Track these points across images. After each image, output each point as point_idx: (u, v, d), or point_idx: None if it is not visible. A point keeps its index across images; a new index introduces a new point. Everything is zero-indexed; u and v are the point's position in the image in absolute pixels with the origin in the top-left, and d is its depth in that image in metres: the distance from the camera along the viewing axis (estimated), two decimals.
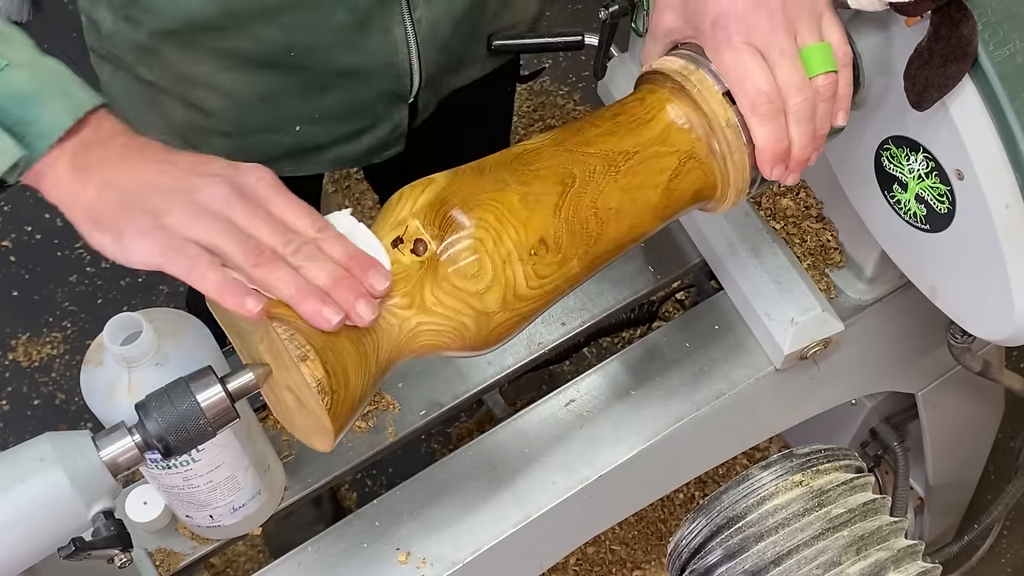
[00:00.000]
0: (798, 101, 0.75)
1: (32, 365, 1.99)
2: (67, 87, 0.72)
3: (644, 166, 0.78)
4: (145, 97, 1.04)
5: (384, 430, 1.03)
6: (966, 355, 1.11)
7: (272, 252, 0.69)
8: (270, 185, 0.71)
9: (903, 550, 0.76)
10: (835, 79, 0.77)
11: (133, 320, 0.77)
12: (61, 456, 0.70)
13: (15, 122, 0.70)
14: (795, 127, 0.76)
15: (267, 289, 0.69)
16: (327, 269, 0.69)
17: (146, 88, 1.02)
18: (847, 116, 0.79)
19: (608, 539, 1.75)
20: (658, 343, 1.07)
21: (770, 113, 0.75)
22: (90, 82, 0.75)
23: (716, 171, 0.79)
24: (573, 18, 2.40)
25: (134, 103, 1.06)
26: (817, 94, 0.76)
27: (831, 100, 0.77)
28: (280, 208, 0.71)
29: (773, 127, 0.76)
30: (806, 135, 0.77)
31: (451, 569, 0.96)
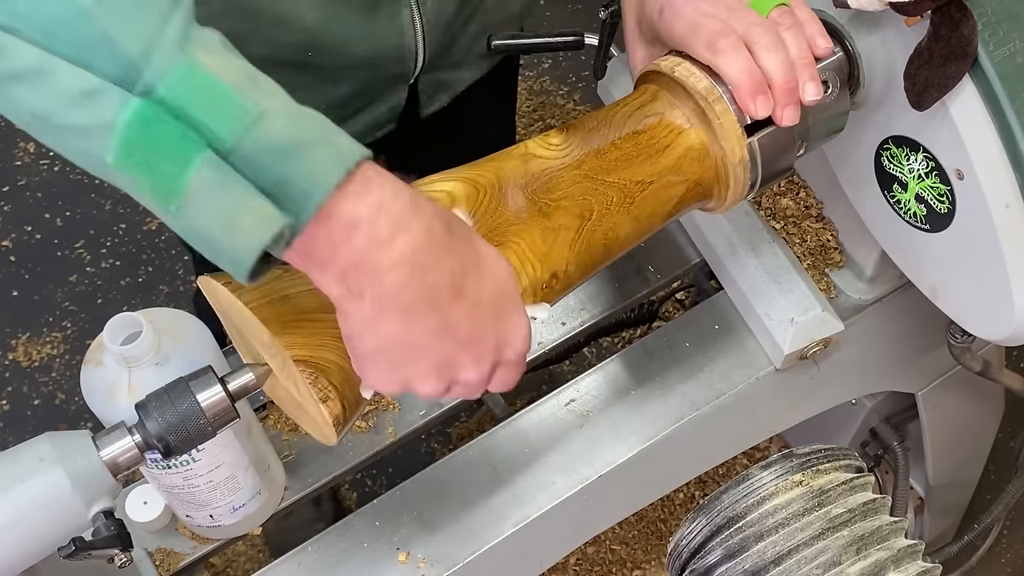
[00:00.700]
0: (758, 31, 0.76)
1: (32, 365, 1.99)
2: (333, 135, 0.59)
3: (655, 196, 0.79)
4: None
5: (384, 430, 1.03)
6: (966, 355, 1.11)
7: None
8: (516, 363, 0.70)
9: (903, 550, 0.76)
10: (789, 9, 0.77)
11: (133, 320, 0.77)
12: (61, 456, 0.70)
13: (277, 182, 0.57)
14: (765, 54, 0.76)
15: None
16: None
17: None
18: (828, 41, 0.79)
19: (608, 539, 1.75)
20: (658, 343, 1.07)
21: (731, 46, 0.76)
22: None
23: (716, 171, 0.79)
24: (573, 18, 2.40)
25: None
26: (778, 26, 0.77)
27: (796, 27, 0.77)
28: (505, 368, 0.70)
29: (739, 58, 0.76)
30: (781, 59, 0.76)
31: (451, 569, 0.96)
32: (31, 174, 2.20)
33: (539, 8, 2.43)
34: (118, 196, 2.16)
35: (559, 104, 2.28)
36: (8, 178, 2.20)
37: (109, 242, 2.11)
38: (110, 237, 2.12)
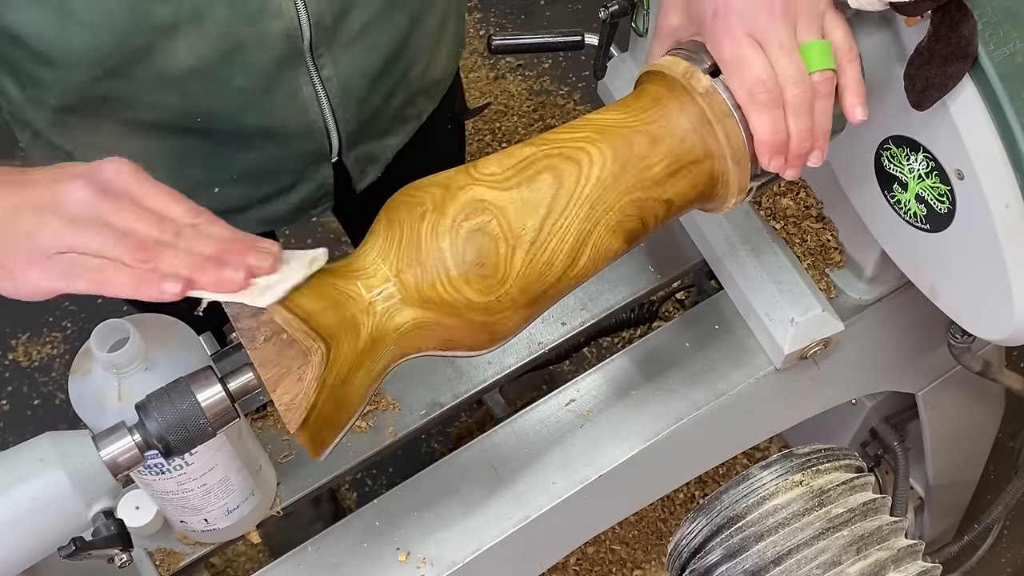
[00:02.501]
0: (796, 93, 0.75)
1: (32, 365, 1.99)
2: None
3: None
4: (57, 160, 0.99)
5: (384, 430, 1.03)
6: (966, 355, 1.11)
7: (154, 242, 0.67)
8: (132, 176, 0.68)
9: (903, 550, 0.76)
10: (832, 76, 0.77)
11: (120, 326, 0.77)
12: (61, 456, 0.70)
13: None
14: (793, 119, 0.76)
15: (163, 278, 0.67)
16: (212, 243, 0.68)
17: (64, 155, 0.98)
18: (865, 110, 0.78)
19: (608, 539, 1.75)
20: (658, 343, 1.07)
21: (768, 102, 0.75)
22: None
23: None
24: (573, 18, 2.40)
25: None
26: (814, 91, 0.76)
27: (829, 97, 0.77)
28: (150, 198, 0.68)
29: (771, 116, 0.76)
30: (804, 128, 0.76)
31: (451, 569, 0.96)
32: None
33: (539, 8, 2.43)
34: None
35: (559, 104, 2.29)
36: None
37: None
38: None
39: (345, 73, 0.95)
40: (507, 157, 0.77)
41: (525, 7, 2.42)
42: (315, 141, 0.99)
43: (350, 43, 0.93)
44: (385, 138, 1.07)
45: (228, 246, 0.68)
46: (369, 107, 1.01)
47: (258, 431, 1.02)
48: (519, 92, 2.30)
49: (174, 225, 0.68)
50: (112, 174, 0.68)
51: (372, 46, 0.96)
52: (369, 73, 0.97)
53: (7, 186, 0.68)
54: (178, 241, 0.67)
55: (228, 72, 0.88)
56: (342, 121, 0.98)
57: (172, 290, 0.66)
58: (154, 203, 0.68)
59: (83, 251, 0.66)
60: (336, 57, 0.93)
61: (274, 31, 0.87)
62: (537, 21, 2.40)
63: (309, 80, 0.93)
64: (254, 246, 0.69)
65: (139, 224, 0.67)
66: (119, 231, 0.67)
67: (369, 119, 1.02)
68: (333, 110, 0.97)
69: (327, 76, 0.93)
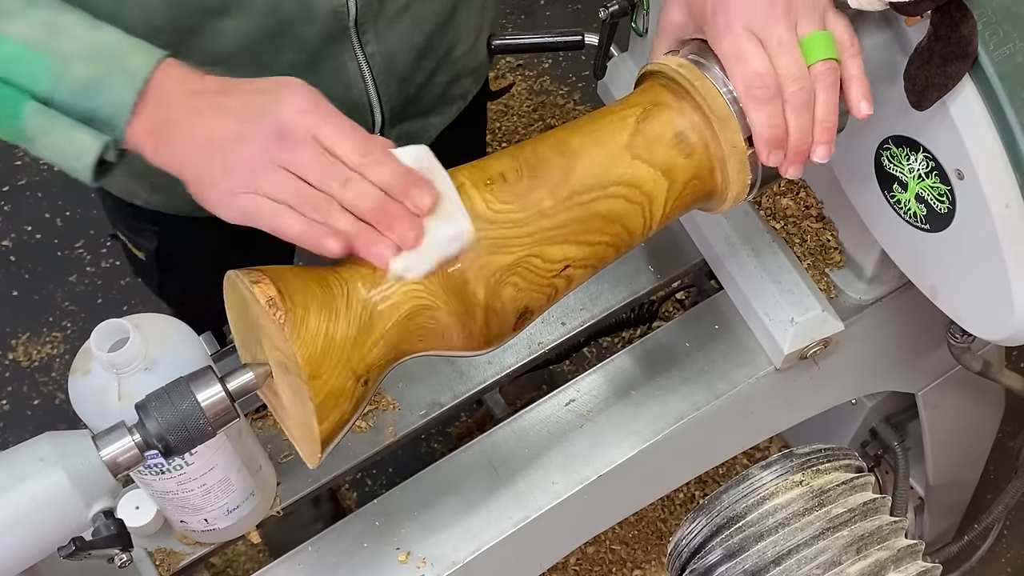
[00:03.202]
0: (794, 90, 0.75)
1: (32, 365, 1.99)
2: (124, 61, 0.74)
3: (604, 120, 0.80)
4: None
5: (384, 430, 1.03)
6: (966, 355, 1.11)
7: (322, 196, 0.71)
8: (310, 113, 0.72)
9: (903, 550, 0.76)
10: (835, 66, 0.76)
11: (120, 326, 0.77)
12: (61, 456, 0.70)
13: (88, 112, 0.73)
14: (792, 116, 0.76)
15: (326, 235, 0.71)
16: (371, 197, 0.71)
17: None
18: (871, 104, 0.78)
19: (608, 539, 1.75)
20: (658, 343, 1.07)
21: (765, 96, 0.75)
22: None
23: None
24: (573, 18, 2.40)
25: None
26: (816, 80, 0.76)
27: (833, 88, 0.77)
28: (325, 137, 0.72)
29: (769, 110, 0.76)
30: (803, 124, 0.76)
31: (451, 569, 0.96)
32: (31, 174, 2.20)
33: (539, 8, 2.43)
34: None
35: (559, 104, 2.29)
36: (8, 178, 2.20)
37: (109, 242, 2.11)
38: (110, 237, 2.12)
39: (388, 49, 0.96)
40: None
41: (525, 7, 2.42)
42: (359, 117, 0.99)
43: (394, 18, 0.95)
44: (429, 117, 1.08)
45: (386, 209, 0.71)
46: (412, 84, 1.02)
47: (258, 431, 1.02)
48: (519, 92, 2.30)
49: (344, 173, 0.71)
50: (293, 116, 0.71)
51: (416, 22, 0.97)
52: (412, 49, 0.99)
53: (207, 112, 0.73)
54: (346, 192, 0.71)
55: (275, 50, 0.90)
56: (385, 97, 1.00)
57: (334, 248, 0.71)
58: (328, 141, 0.72)
59: (264, 195, 0.71)
60: (380, 33, 0.94)
61: (321, 7, 0.89)
62: (537, 21, 2.40)
63: (353, 56, 0.95)
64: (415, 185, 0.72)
65: (313, 172, 0.71)
66: (297, 181, 0.71)
67: (413, 97, 1.03)
68: (376, 86, 0.98)
69: (371, 52, 0.95)
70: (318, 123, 0.71)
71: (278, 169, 0.71)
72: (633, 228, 0.79)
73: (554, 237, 0.76)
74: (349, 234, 0.71)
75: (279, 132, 0.71)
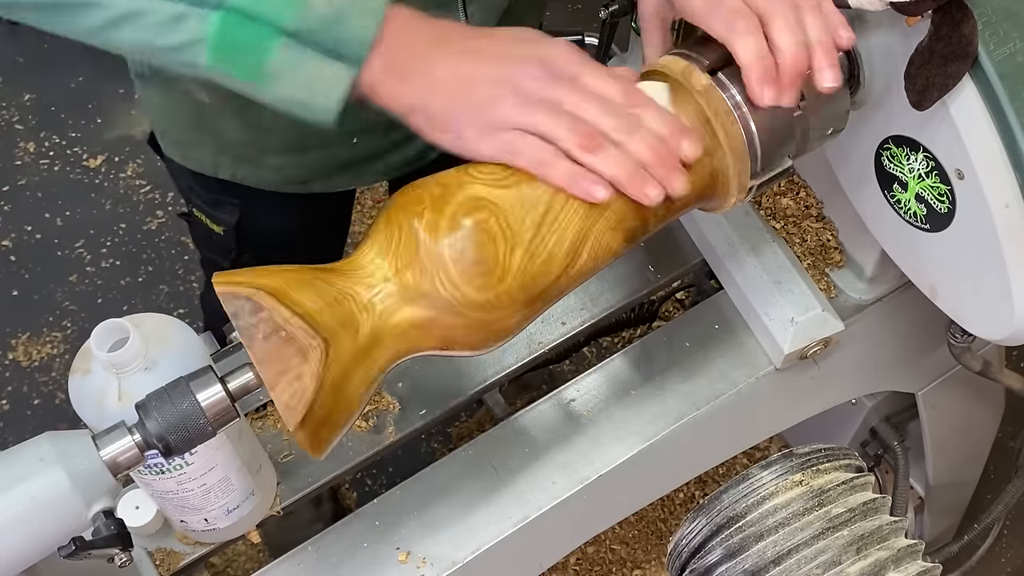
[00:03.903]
0: (776, 7, 0.75)
1: (32, 365, 1.99)
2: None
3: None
4: (196, 116, 1.03)
5: (384, 430, 1.03)
6: (966, 355, 1.11)
7: (598, 132, 0.72)
8: (576, 60, 0.73)
9: (903, 549, 0.76)
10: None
11: (120, 326, 0.77)
12: (61, 455, 0.70)
13: (333, 46, 0.72)
14: (779, 35, 0.75)
15: (597, 171, 0.73)
16: (647, 142, 0.73)
17: (198, 108, 1.02)
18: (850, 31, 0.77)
19: (608, 539, 1.75)
20: (658, 343, 1.07)
21: (747, 27, 0.75)
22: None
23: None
24: (573, 18, 2.40)
25: (183, 121, 1.06)
26: (797, 7, 0.75)
27: (816, 11, 0.76)
28: (592, 81, 0.73)
29: (754, 40, 0.75)
30: (795, 42, 0.75)
31: (451, 569, 0.96)
32: (31, 174, 2.20)
33: None
34: (118, 196, 2.17)
35: None
36: (8, 178, 2.20)
37: (109, 242, 2.11)
38: (110, 237, 2.12)
39: (484, 8, 0.99)
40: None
41: None
42: None
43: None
44: None
45: (659, 153, 0.73)
46: None
47: (258, 431, 1.02)
48: None
49: (617, 114, 0.73)
50: (562, 59, 0.73)
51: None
52: (497, 9, 1.02)
53: (463, 55, 0.74)
54: (618, 133, 0.72)
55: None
56: None
57: (599, 196, 0.72)
58: (596, 86, 0.73)
59: (534, 131, 0.72)
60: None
61: None
62: None
63: (459, 16, 0.97)
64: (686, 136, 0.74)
65: (588, 111, 0.72)
66: (571, 116, 0.72)
67: None
68: None
69: (472, 12, 0.97)
70: (584, 65, 0.73)
71: (551, 105, 0.72)
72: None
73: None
74: (620, 179, 0.72)
75: (551, 72, 0.72)
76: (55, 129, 2.25)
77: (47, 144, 2.24)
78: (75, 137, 2.24)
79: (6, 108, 2.28)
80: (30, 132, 2.25)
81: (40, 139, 2.25)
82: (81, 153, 2.23)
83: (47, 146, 2.24)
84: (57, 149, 2.23)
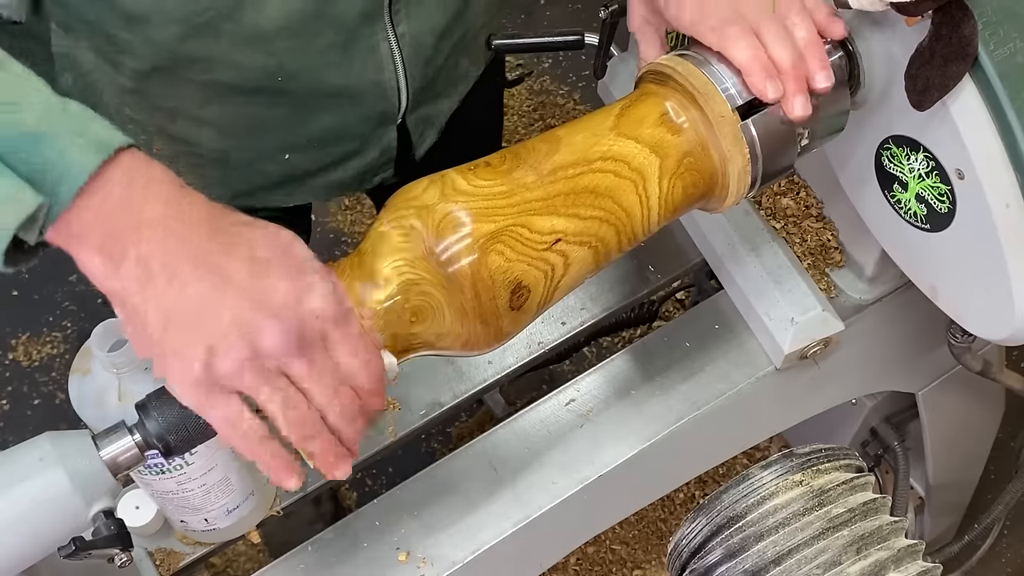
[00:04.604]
0: (766, 21, 0.76)
1: (32, 365, 1.99)
2: (90, 125, 0.63)
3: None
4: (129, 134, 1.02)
5: (384, 430, 1.03)
6: (966, 355, 1.11)
7: (316, 421, 0.67)
8: (332, 319, 0.66)
9: (903, 550, 0.76)
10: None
11: (120, 326, 0.77)
12: (61, 455, 0.70)
13: (33, 167, 0.60)
14: (773, 46, 0.76)
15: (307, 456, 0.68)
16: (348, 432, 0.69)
17: (130, 125, 0.97)
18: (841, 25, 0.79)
19: (608, 539, 1.75)
20: (658, 343, 1.07)
21: (739, 32, 0.76)
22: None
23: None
24: (573, 18, 2.40)
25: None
26: (784, 17, 0.77)
27: (803, 14, 0.78)
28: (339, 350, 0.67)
29: (747, 42, 0.76)
30: (790, 53, 0.77)
31: (451, 569, 0.96)
32: None
33: (539, 8, 2.43)
34: None
35: (559, 104, 2.29)
36: None
37: None
38: None
39: (417, 30, 0.96)
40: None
41: (525, 7, 2.41)
42: (386, 100, 1.00)
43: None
44: (439, 101, 1.08)
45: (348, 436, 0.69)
46: (433, 66, 1.02)
47: None
48: (519, 92, 2.29)
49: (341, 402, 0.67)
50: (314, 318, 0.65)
51: (442, 3, 0.98)
52: (437, 31, 0.99)
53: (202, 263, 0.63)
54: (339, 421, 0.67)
55: (315, 28, 0.89)
56: (411, 79, 0.99)
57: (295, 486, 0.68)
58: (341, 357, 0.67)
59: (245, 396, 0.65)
60: (411, 13, 0.95)
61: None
62: (537, 21, 2.40)
63: (386, 36, 0.94)
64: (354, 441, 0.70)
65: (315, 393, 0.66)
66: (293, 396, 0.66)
67: (432, 79, 1.03)
68: (405, 68, 0.98)
69: (402, 32, 0.95)
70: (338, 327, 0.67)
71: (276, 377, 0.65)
72: (627, 205, 0.77)
73: (540, 208, 0.75)
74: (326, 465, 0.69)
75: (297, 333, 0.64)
76: None
77: None
78: None
79: None
80: None
81: None
82: None
83: None
84: None
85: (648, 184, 0.78)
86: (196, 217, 0.64)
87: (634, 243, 0.80)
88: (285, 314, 0.64)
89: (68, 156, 0.61)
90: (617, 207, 0.77)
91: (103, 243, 0.63)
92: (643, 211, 0.78)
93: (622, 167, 0.77)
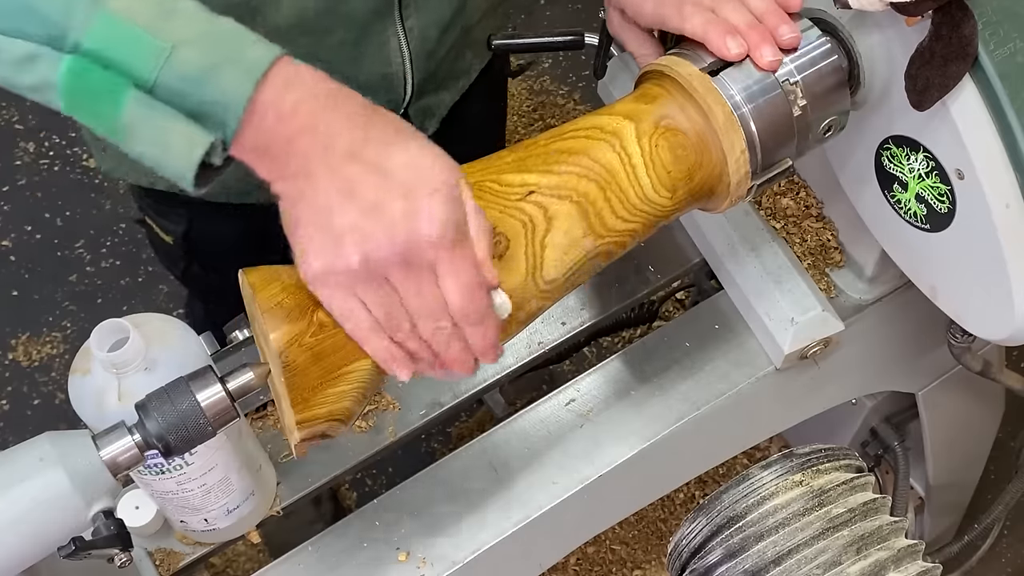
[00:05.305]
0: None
1: (32, 365, 1.99)
2: (242, 50, 0.65)
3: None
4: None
5: (384, 430, 1.03)
6: (966, 355, 1.11)
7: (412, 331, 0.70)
8: (439, 247, 0.67)
9: (903, 550, 0.76)
10: None
11: (120, 326, 0.77)
12: (61, 455, 0.70)
13: (198, 104, 0.64)
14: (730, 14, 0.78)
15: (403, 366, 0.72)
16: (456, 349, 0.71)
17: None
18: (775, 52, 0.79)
19: (608, 539, 1.75)
20: (658, 343, 1.07)
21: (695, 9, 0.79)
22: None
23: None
24: (573, 18, 2.40)
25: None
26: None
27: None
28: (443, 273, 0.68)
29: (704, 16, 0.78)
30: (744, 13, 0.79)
31: (451, 569, 0.96)
32: (31, 174, 2.20)
33: (539, 8, 2.43)
34: (118, 196, 2.17)
35: (559, 104, 2.29)
36: (8, 178, 2.20)
37: (109, 242, 2.11)
38: (110, 237, 2.12)
39: (424, 23, 0.98)
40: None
41: (525, 7, 2.42)
42: (393, 92, 1.01)
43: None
44: (440, 92, 1.10)
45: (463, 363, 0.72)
46: (436, 59, 1.03)
47: (258, 431, 1.02)
48: (519, 92, 2.30)
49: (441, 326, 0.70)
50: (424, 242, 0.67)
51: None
52: (441, 24, 1.00)
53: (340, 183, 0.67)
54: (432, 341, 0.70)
55: (327, 25, 0.90)
56: (417, 72, 1.01)
57: (404, 378, 0.72)
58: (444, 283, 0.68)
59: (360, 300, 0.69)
60: (420, 7, 0.96)
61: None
62: (537, 21, 2.40)
63: (396, 31, 0.96)
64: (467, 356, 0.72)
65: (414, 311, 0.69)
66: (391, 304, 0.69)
67: (434, 71, 1.05)
68: (411, 61, 0.99)
69: (410, 27, 0.96)
70: (441, 257, 0.68)
71: (383, 284, 0.68)
72: (605, 161, 0.77)
73: (510, 168, 0.76)
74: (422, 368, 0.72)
75: (402, 255, 0.67)
76: (55, 129, 2.25)
77: (47, 144, 2.24)
78: (75, 137, 2.24)
79: (6, 108, 2.28)
80: (30, 132, 2.25)
81: (40, 139, 2.25)
82: (81, 153, 2.23)
83: (47, 146, 2.24)
84: (57, 149, 2.23)
85: (626, 143, 0.78)
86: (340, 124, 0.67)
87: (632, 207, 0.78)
88: (397, 230, 0.66)
89: (227, 92, 0.64)
90: (594, 163, 0.77)
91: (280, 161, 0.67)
92: (627, 169, 0.77)
93: (594, 132, 0.78)
